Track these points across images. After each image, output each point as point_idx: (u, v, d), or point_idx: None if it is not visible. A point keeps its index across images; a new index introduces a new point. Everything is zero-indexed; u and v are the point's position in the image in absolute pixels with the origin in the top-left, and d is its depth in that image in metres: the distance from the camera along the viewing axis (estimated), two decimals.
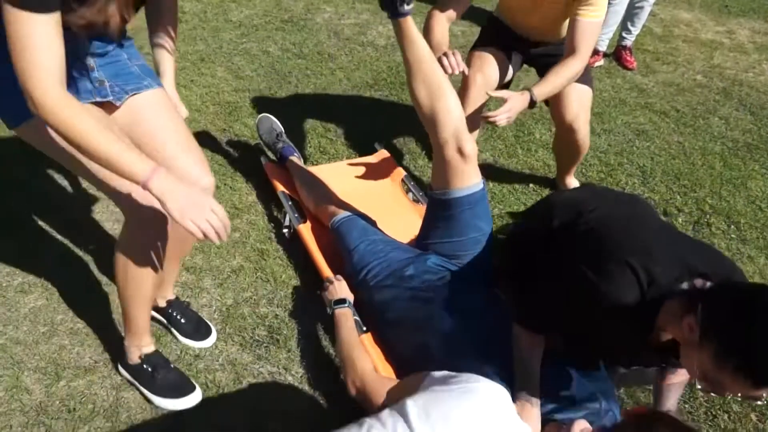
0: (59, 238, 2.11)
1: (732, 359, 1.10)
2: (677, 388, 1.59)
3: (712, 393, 1.21)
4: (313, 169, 2.40)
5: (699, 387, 1.20)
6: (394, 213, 2.24)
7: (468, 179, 1.75)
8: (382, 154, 2.60)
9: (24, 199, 2.24)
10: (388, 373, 1.66)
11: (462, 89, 2.25)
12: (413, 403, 1.06)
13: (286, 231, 2.20)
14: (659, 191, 2.68)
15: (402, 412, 1.05)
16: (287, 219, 2.20)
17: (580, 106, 2.27)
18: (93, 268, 2.02)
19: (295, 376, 1.75)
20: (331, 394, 1.70)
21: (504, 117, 2.02)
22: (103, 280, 1.98)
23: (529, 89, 2.06)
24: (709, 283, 1.26)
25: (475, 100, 2.23)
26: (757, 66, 3.95)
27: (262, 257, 2.12)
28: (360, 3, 4.17)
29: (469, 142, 1.72)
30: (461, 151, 1.71)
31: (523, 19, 2.30)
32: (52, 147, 1.29)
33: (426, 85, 1.77)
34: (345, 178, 2.41)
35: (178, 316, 1.80)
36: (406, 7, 1.72)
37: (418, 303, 1.70)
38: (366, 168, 2.49)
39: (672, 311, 1.25)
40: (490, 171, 2.65)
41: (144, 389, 1.64)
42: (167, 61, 1.52)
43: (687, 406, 1.76)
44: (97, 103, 1.36)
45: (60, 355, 1.74)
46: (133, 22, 1.31)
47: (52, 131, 1.17)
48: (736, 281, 1.31)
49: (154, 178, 1.16)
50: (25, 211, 2.19)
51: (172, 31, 1.51)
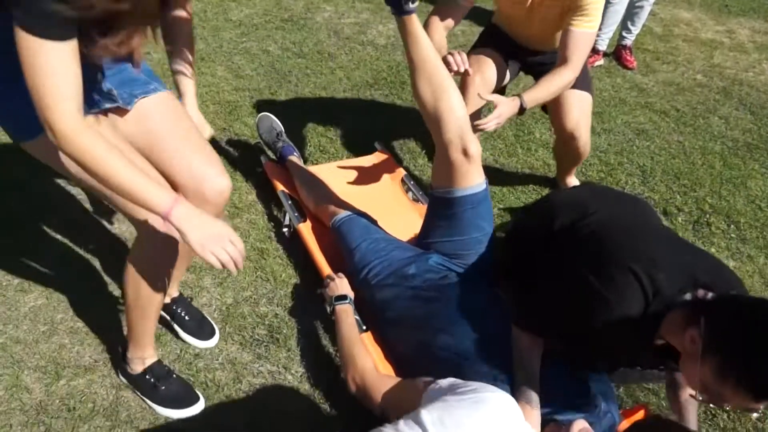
0: (59, 238, 2.11)
1: (734, 373, 1.11)
2: (694, 402, 1.58)
3: (711, 404, 1.22)
4: (313, 169, 2.40)
5: (699, 398, 1.20)
6: (394, 212, 2.24)
7: (471, 179, 1.74)
8: (382, 153, 2.60)
9: (24, 199, 2.24)
10: (387, 372, 1.66)
11: (461, 90, 2.24)
12: (428, 413, 1.10)
13: (285, 230, 2.20)
14: (659, 190, 2.68)
15: (418, 421, 1.09)
16: (287, 218, 2.20)
17: (580, 112, 2.27)
18: (93, 268, 2.02)
19: (294, 375, 1.75)
20: (331, 394, 1.70)
21: (493, 123, 2.02)
22: (103, 280, 1.98)
23: (519, 95, 2.06)
24: (710, 294, 1.27)
25: (474, 102, 2.23)
26: (757, 65, 3.95)
27: (262, 256, 2.13)
28: (360, 2, 4.16)
29: (474, 142, 1.71)
30: (466, 152, 1.70)
31: (520, 28, 2.31)
32: (61, 164, 1.27)
33: (430, 84, 1.76)
34: (345, 177, 2.41)
35: (183, 313, 1.79)
36: (411, 5, 1.70)
37: (419, 302, 1.71)
38: (366, 167, 2.50)
39: (675, 322, 1.26)
40: (489, 170, 2.62)
41: (146, 399, 1.63)
42: (188, 84, 1.53)
43: None
44: (107, 110, 1.33)
45: (60, 354, 1.74)
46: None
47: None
48: (738, 294, 1.31)
49: (174, 211, 1.16)
50: (25, 211, 2.19)
51: (190, 54, 1.50)
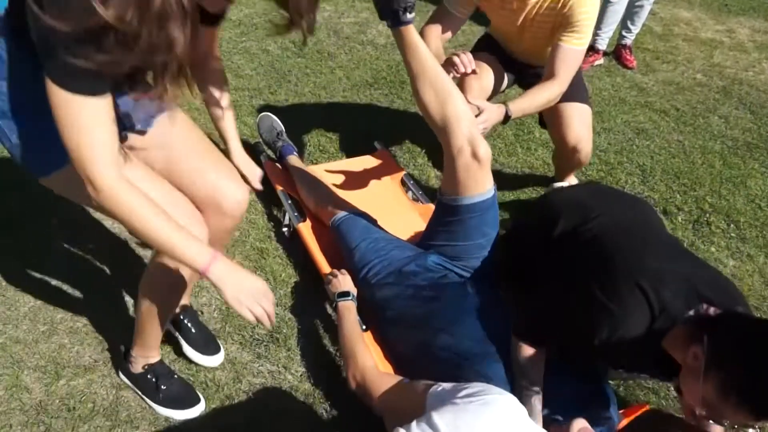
0: (59, 238, 2.11)
1: (736, 392, 1.11)
2: None
3: (711, 421, 1.22)
4: (313, 168, 2.40)
5: (699, 414, 1.20)
6: (394, 211, 2.24)
7: (482, 185, 1.71)
8: (382, 152, 2.60)
9: (24, 199, 2.24)
10: (387, 371, 1.66)
11: None
12: (440, 417, 1.11)
13: (285, 230, 2.20)
14: (659, 190, 2.68)
15: (431, 425, 1.11)
16: (287, 218, 2.20)
17: (582, 125, 2.27)
18: (92, 267, 2.02)
19: (294, 374, 1.75)
20: (331, 394, 1.70)
21: (480, 128, 2.01)
22: (103, 280, 1.98)
23: (505, 103, 2.06)
24: (713, 309, 1.27)
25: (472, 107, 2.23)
26: (757, 65, 3.95)
27: (262, 256, 2.12)
28: (360, 1, 4.16)
29: (483, 144, 1.68)
30: (476, 156, 1.66)
31: (513, 44, 2.33)
32: (80, 199, 1.28)
33: (434, 90, 1.72)
34: (345, 176, 2.40)
35: (189, 325, 1.74)
36: (409, 15, 1.66)
37: (419, 301, 1.70)
38: (366, 167, 2.49)
39: (678, 336, 1.27)
40: None
41: (146, 398, 1.63)
42: (231, 130, 1.58)
43: None
44: (126, 135, 1.32)
45: (60, 353, 1.74)
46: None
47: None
48: (741, 312, 1.31)
49: (212, 267, 1.18)
50: (25, 211, 2.19)
51: (227, 98, 1.53)
